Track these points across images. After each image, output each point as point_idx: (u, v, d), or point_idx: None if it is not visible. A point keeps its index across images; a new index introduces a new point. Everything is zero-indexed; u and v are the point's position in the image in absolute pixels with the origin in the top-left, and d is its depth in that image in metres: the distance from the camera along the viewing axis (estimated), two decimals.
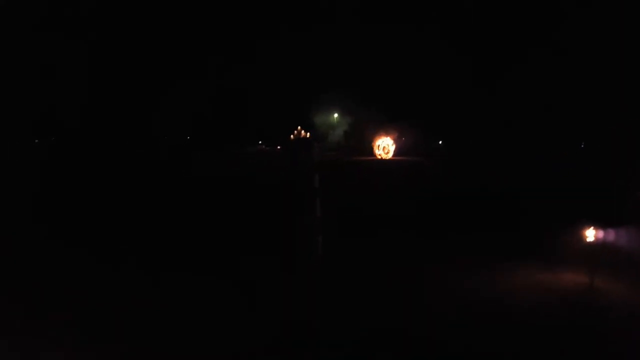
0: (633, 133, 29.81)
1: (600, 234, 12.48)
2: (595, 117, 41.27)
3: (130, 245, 15.54)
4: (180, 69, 62.88)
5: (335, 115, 70.46)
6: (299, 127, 69.49)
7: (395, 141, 54.55)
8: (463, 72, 53.60)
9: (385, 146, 54.42)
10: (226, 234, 17.03)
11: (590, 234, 12.49)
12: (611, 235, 13.12)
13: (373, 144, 55.36)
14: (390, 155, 53.87)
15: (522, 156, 38.95)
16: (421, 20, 58.70)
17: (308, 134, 69.49)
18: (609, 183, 20.15)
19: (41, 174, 33.64)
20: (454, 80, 52.71)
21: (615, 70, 42.25)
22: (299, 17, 66.44)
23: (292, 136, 70.39)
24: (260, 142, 70.03)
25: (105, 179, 32.77)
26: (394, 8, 59.43)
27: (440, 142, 59.65)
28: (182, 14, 65.08)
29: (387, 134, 54.59)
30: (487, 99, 51.11)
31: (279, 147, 67.01)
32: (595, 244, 12.41)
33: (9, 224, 16.99)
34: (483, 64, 53.22)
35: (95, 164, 41.73)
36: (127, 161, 45.17)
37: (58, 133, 60.98)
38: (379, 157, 53.88)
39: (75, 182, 29.82)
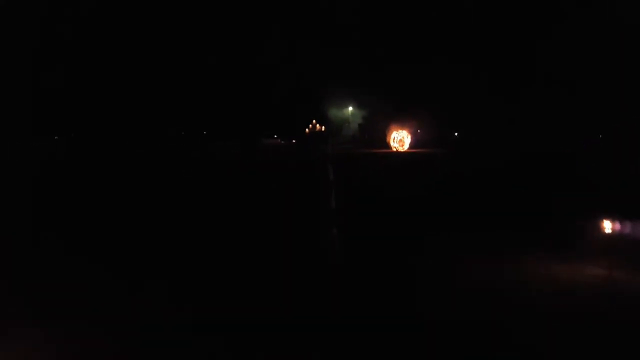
0: None
1: (619, 226, 12.39)
2: (613, 111, 40.75)
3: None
4: (198, 66, 63.44)
5: (350, 108, 70.52)
6: (314, 121, 69.65)
7: (411, 134, 54.51)
8: (478, 64, 53.23)
9: (400, 139, 54.34)
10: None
11: (609, 226, 12.40)
12: (630, 227, 13.03)
13: (388, 136, 55.34)
14: (405, 148, 53.80)
15: (538, 148, 38.60)
16: (436, 14, 58.36)
17: (323, 127, 69.64)
18: (628, 175, 19.98)
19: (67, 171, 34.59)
20: (470, 73, 52.34)
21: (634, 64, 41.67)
22: (316, 12, 66.42)
23: (307, 130, 70.61)
24: (275, 135, 70.43)
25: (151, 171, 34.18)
26: (412, 3, 59.19)
27: (457, 134, 59.42)
28: (202, 11, 65.64)
29: (402, 126, 54.52)
30: (504, 91, 50.68)
31: (294, 141, 67.37)
32: (615, 236, 12.33)
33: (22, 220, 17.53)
34: (498, 56, 52.73)
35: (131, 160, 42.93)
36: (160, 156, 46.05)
37: (77, 130, 62.05)
38: (394, 149, 53.86)
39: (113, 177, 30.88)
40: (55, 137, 60.01)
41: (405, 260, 13.08)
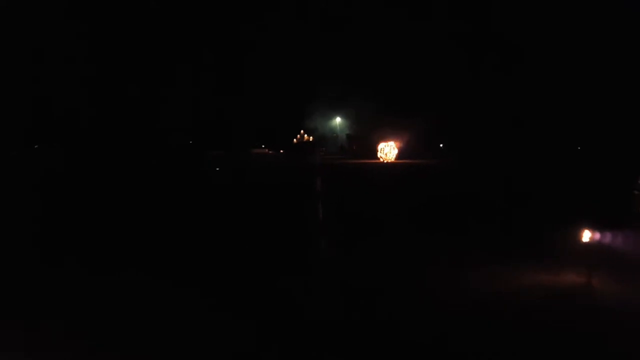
0: (630, 134, 29.79)
1: (598, 234, 12.40)
2: (592, 119, 41.33)
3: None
4: (184, 75, 63.26)
5: (338, 119, 70.74)
6: (302, 131, 69.72)
7: (398, 145, 54.74)
8: (463, 75, 53.78)
9: (388, 150, 54.57)
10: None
11: (587, 235, 12.40)
12: (608, 236, 13.06)
13: (376, 147, 55.49)
14: (392, 158, 53.97)
15: (520, 157, 38.98)
16: (420, 22, 58.86)
17: (311, 137, 69.74)
18: (606, 184, 20.12)
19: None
20: (455, 84, 52.86)
21: (610, 73, 42.37)
22: (301, 21, 66.80)
23: (295, 140, 70.63)
24: (263, 145, 70.25)
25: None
26: (395, 10, 59.66)
27: (442, 145, 59.72)
28: (184, 19, 65.54)
29: (389, 137, 54.76)
30: (487, 102, 51.19)
31: (282, 151, 67.27)
32: (593, 245, 12.32)
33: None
34: (482, 67, 53.29)
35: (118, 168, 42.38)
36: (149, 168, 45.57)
37: (61, 139, 61.24)
38: (382, 160, 53.97)
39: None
40: (35, 146, 58.99)
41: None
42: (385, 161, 54.02)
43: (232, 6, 68.30)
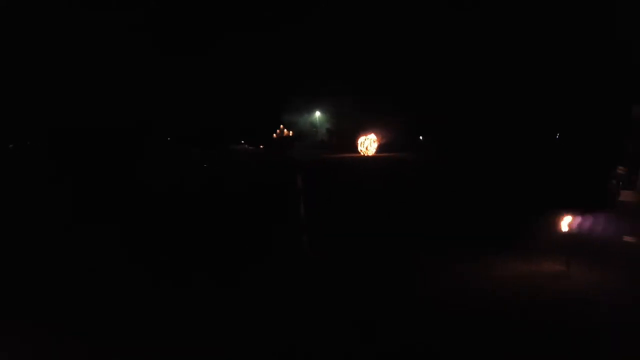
0: (606, 124, 30.35)
1: (576, 222, 12.63)
2: (570, 109, 42.00)
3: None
4: (163, 69, 62.33)
5: (318, 113, 70.56)
6: (281, 126, 69.41)
7: (378, 138, 54.87)
8: (443, 68, 54.09)
9: (368, 144, 54.66)
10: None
11: (566, 223, 12.63)
12: (586, 223, 13.33)
13: (356, 141, 55.52)
14: (372, 152, 54.10)
15: (498, 148, 39.40)
16: (400, 18, 59.04)
17: (291, 132, 69.47)
18: (583, 172, 20.47)
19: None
20: (434, 78, 53.16)
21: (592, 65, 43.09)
22: (279, 16, 66.44)
23: (275, 135, 70.30)
24: (242, 141, 69.72)
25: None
26: (375, 5, 59.70)
27: (421, 138, 60.05)
28: (159, 14, 64.63)
29: (369, 131, 54.84)
30: (465, 94, 51.63)
31: (261, 146, 66.81)
32: (571, 233, 12.56)
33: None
34: (461, 60, 53.67)
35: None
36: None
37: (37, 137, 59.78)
38: (362, 153, 54.07)
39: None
40: (10, 146, 57.32)
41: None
42: (365, 155, 54.12)
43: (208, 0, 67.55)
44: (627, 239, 13.37)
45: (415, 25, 56.76)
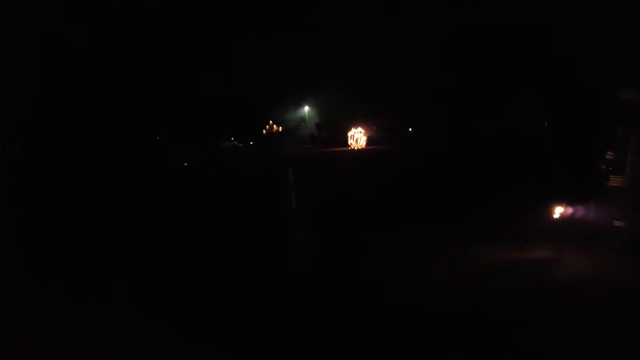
0: (594, 109, 30.39)
1: (566, 209, 12.61)
2: (557, 95, 42.12)
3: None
4: (150, 68, 61.71)
5: (307, 108, 70.41)
6: (270, 122, 69.12)
7: (367, 131, 54.88)
8: (432, 61, 54.07)
9: (357, 137, 54.67)
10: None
11: (557, 211, 12.62)
12: (578, 210, 13.30)
13: (346, 135, 55.51)
14: (362, 145, 54.10)
15: (487, 137, 39.37)
16: (388, 12, 58.88)
17: (280, 128, 69.20)
18: (572, 159, 20.47)
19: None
20: (424, 70, 53.11)
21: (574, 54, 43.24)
22: (267, 12, 65.98)
23: (264, 131, 69.99)
24: (232, 138, 69.32)
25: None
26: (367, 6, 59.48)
27: (411, 130, 60.04)
28: (149, 16, 63.96)
29: (359, 124, 54.83)
30: (454, 84, 51.65)
31: (251, 143, 66.51)
32: (562, 220, 12.55)
33: None
34: (452, 53, 53.62)
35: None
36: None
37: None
38: (352, 147, 54.04)
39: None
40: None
41: None
42: (355, 148, 54.12)
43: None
44: (617, 224, 13.39)
45: (403, 18, 56.68)
